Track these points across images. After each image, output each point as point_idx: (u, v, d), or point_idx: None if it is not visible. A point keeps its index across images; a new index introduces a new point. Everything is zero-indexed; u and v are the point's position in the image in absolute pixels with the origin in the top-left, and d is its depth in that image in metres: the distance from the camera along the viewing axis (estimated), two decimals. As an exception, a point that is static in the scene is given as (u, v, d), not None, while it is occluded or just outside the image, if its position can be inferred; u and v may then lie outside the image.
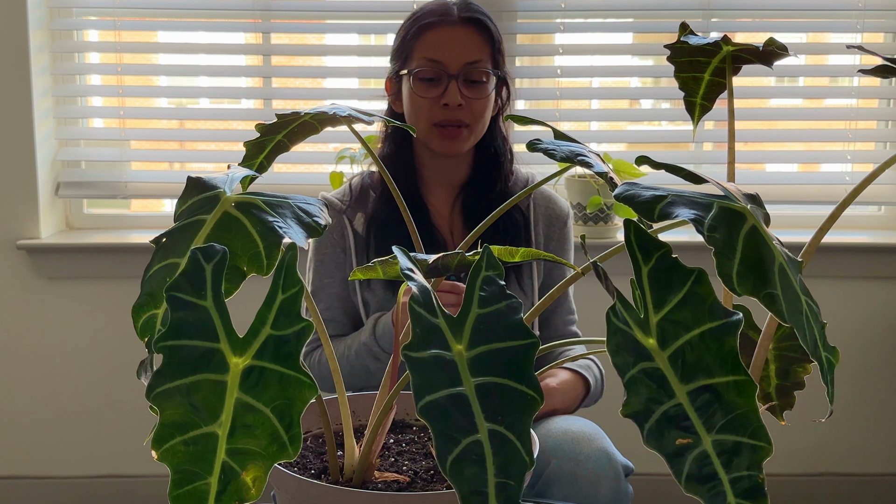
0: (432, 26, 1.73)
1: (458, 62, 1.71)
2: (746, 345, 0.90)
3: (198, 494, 0.62)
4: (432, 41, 1.73)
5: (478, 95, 1.73)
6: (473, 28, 1.74)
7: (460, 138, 1.74)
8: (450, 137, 1.73)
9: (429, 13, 1.75)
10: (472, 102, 1.72)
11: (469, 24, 1.74)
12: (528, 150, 0.89)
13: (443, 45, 1.72)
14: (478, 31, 1.74)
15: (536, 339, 0.66)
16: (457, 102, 1.70)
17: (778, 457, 0.70)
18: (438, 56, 1.71)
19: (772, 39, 0.98)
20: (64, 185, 2.70)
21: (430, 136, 1.74)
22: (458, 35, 1.73)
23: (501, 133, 1.84)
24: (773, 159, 2.94)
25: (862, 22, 2.65)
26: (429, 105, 1.72)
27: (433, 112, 1.72)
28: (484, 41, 1.74)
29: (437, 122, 1.72)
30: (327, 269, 1.80)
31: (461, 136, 1.74)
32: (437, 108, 1.72)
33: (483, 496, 0.60)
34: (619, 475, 1.59)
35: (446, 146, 1.74)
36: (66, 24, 2.69)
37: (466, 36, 1.73)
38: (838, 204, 0.84)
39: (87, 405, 2.70)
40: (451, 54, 1.71)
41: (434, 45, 1.72)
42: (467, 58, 1.72)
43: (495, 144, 1.82)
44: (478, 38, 1.74)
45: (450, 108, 1.71)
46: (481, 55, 1.73)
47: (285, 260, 0.67)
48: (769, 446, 0.63)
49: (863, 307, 2.67)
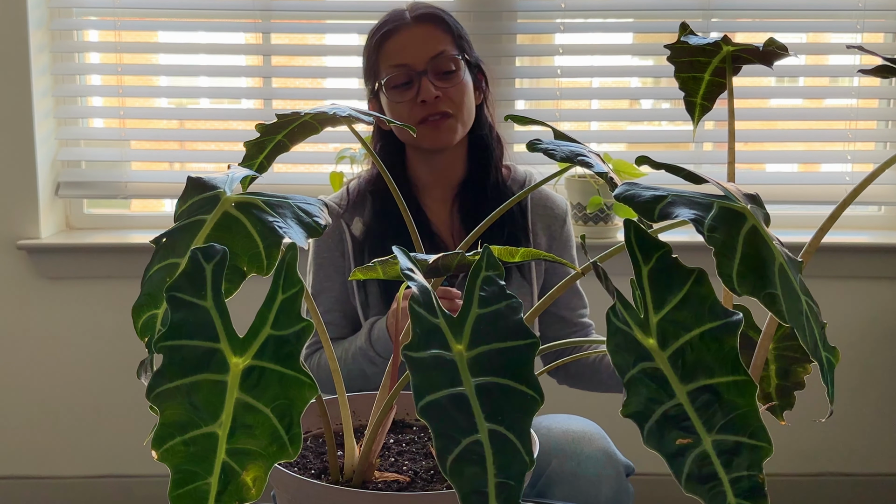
0: (390, 35, 1.75)
1: (422, 58, 1.72)
2: (746, 345, 0.90)
3: (198, 494, 0.62)
4: (393, 48, 1.75)
5: (451, 83, 1.74)
6: (429, 23, 1.76)
7: (446, 127, 1.74)
8: (436, 128, 1.73)
9: (383, 24, 1.78)
10: (449, 91, 1.73)
11: (423, 21, 1.76)
12: (528, 150, 0.89)
13: (404, 48, 1.74)
14: (434, 25, 1.76)
15: (536, 339, 0.66)
16: (433, 95, 1.71)
17: (778, 457, 0.70)
18: (402, 60, 1.73)
19: (772, 39, 0.98)
20: (64, 185, 2.70)
21: (419, 136, 1.75)
22: (415, 34, 1.75)
23: (487, 122, 1.84)
24: (773, 159, 2.94)
25: (862, 22, 2.66)
26: (408, 108, 1.73)
27: (414, 112, 1.73)
28: (442, 32, 1.76)
29: (421, 120, 1.73)
30: (326, 272, 1.80)
31: (447, 125, 1.74)
32: (416, 107, 1.72)
33: (483, 496, 0.60)
34: (619, 475, 1.59)
35: (435, 138, 1.74)
36: (66, 24, 2.69)
37: (424, 32, 1.75)
38: (838, 204, 0.84)
39: (87, 405, 2.70)
40: (413, 54, 1.73)
41: (395, 51, 1.74)
42: (430, 52, 1.73)
43: (482, 134, 1.83)
44: (435, 31, 1.76)
45: (428, 103, 1.71)
46: (443, 45, 1.74)
47: (285, 260, 0.67)
48: (769, 446, 0.63)
49: (863, 307, 2.67)
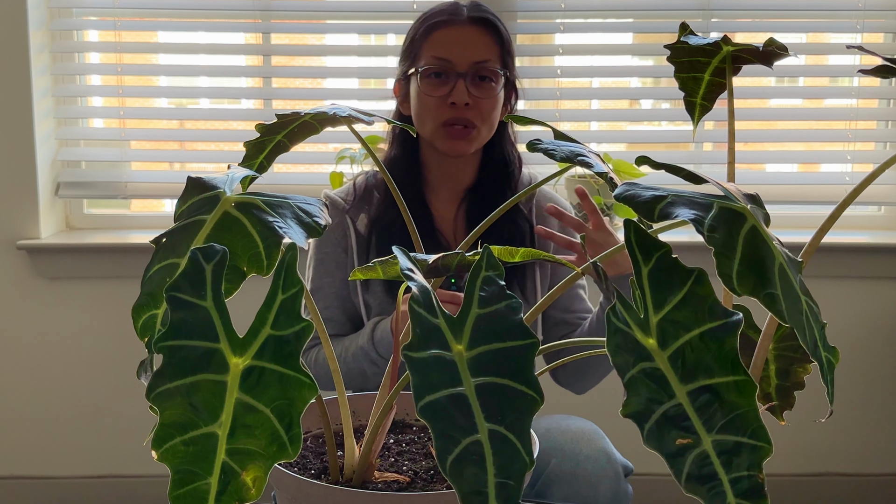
0: (441, 25, 1.72)
1: (466, 61, 1.70)
2: (746, 345, 0.90)
3: (198, 495, 0.62)
4: (441, 40, 1.72)
5: (486, 95, 1.71)
6: (483, 28, 1.73)
7: (467, 138, 1.72)
8: (456, 137, 1.71)
9: (438, 13, 1.75)
10: (480, 102, 1.71)
11: (478, 24, 1.73)
12: (528, 150, 0.89)
13: (451, 44, 1.71)
14: (487, 31, 1.73)
15: (536, 340, 0.66)
16: (464, 101, 1.69)
17: (778, 457, 0.70)
18: (446, 54, 1.71)
19: (772, 39, 0.98)
20: (64, 185, 2.70)
21: (436, 136, 1.73)
22: (467, 34, 1.72)
23: (510, 139, 1.82)
24: (773, 159, 2.94)
25: (862, 22, 2.66)
26: (436, 104, 1.71)
27: (441, 111, 1.71)
28: (493, 41, 1.73)
29: (444, 122, 1.71)
30: (327, 268, 1.79)
31: (468, 137, 1.72)
32: (444, 107, 1.70)
33: (483, 496, 0.60)
34: (618, 475, 1.59)
35: (452, 146, 1.73)
36: (66, 24, 2.69)
37: (475, 35, 1.73)
38: (838, 204, 0.84)
39: (87, 405, 2.70)
40: (459, 53, 1.70)
41: (442, 43, 1.72)
42: (476, 57, 1.71)
43: (504, 150, 1.81)
44: (487, 37, 1.73)
45: (457, 107, 1.69)
46: (490, 55, 1.72)
47: (285, 260, 0.67)
48: (769, 446, 0.63)
49: (863, 307, 2.67)
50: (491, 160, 1.81)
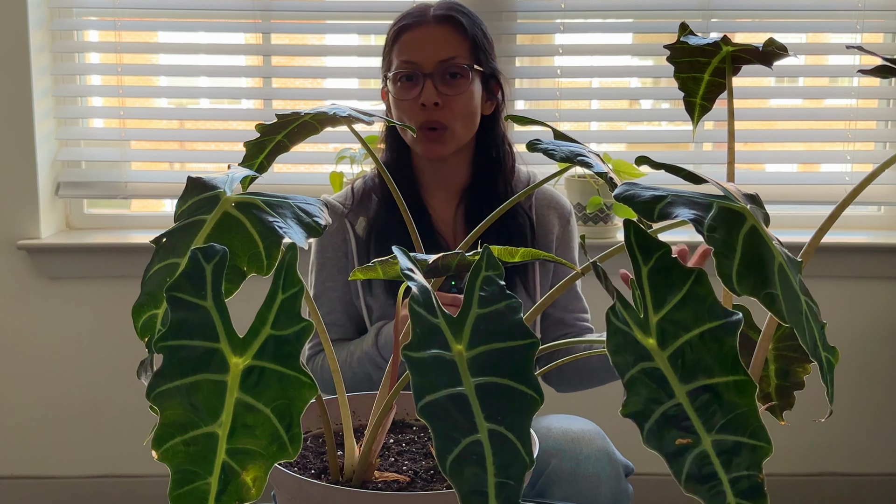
0: (408, 28, 1.73)
1: (431, 60, 1.70)
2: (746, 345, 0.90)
3: (198, 494, 0.62)
4: (407, 42, 1.72)
5: (455, 91, 1.70)
6: (448, 25, 1.73)
7: (441, 140, 1.71)
8: (430, 140, 1.71)
9: (406, 16, 1.75)
10: (451, 101, 1.70)
11: (443, 22, 1.73)
12: (528, 150, 0.89)
13: (417, 45, 1.71)
14: (453, 27, 1.73)
15: (536, 340, 0.66)
16: (432, 101, 1.68)
17: (778, 457, 0.70)
18: (413, 56, 1.70)
19: (771, 40, 0.99)
20: (64, 185, 2.70)
21: (415, 142, 1.73)
22: (431, 33, 1.72)
23: (501, 133, 1.82)
24: (773, 159, 2.94)
25: (862, 22, 2.66)
26: (409, 107, 1.71)
27: (414, 114, 1.70)
28: (460, 37, 1.72)
29: (419, 126, 1.71)
30: (329, 273, 1.79)
31: (442, 139, 1.71)
32: (416, 109, 1.70)
33: (483, 496, 0.60)
34: (619, 475, 1.59)
35: (428, 149, 1.72)
36: (66, 24, 2.69)
37: (440, 33, 1.72)
38: (838, 204, 0.84)
39: (87, 405, 2.70)
40: (424, 53, 1.70)
41: (409, 45, 1.72)
42: (441, 55, 1.70)
43: (496, 146, 1.81)
44: (452, 34, 1.72)
45: (427, 108, 1.69)
46: (456, 51, 1.71)
47: (285, 260, 0.67)
48: (769, 446, 0.63)
49: (863, 307, 2.67)
50: (483, 157, 1.80)
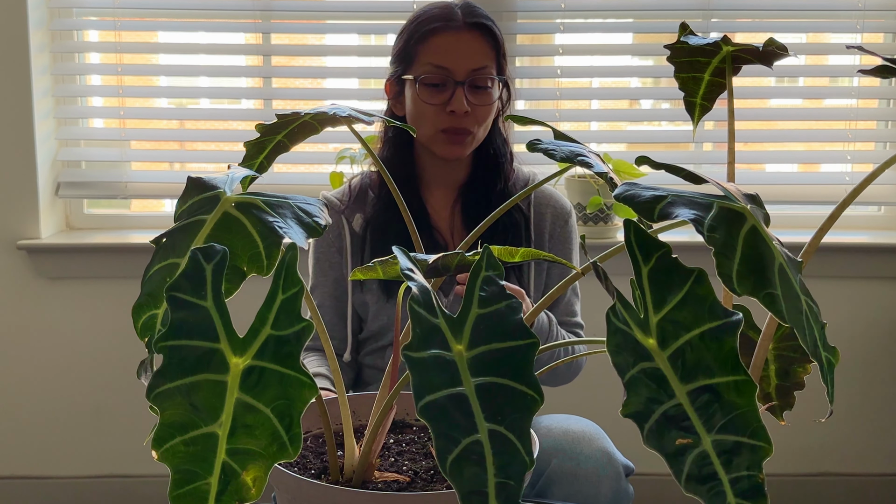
0: (437, 31, 1.72)
1: (464, 69, 1.70)
2: (746, 345, 0.90)
3: (198, 494, 0.62)
4: (438, 47, 1.71)
5: (483, 102, 1.72)
6: (479, 33, 1.73)
7: (464, 143, 1.74)
8: (454, 143, 1.73)
9: (433, 17, 1.74)
10: (478, 109, 1.72)
11: (474, 30, 1.73)
12: (528, 150, 0.89)
13: (449, 52, 1.71)
14: (483, 37, 1.73)
15: (536, 340, 0.66)
16: (463, 110, 1.70)
17: (778, 457, 0.70)
18: (444, 62, 1.71)
19: (772, 39, 0.99)
20: (64, 186, 2.70)
21: (434, 141, 1.74)
22: (463, 41, 1.72)
23: (501, 134, 1.83)
24: (773, 159, 2.94)
25: (862, 22, 2.66)
26: (434, 111, 1.71)
27: (439, 118, 1.71)
28: (489, 47, 1.73)
29: (443, 129, 1.72)
30: (321, 267, 1.81)
31: (464, 142, 1.74)
32: (442, 114, 1.71)
33: (483, 496, 0.60)
34: (619, 475, 1.59)
35: (450, 151, 1.74)
36: (66, 24, 2.69)
37: (472, 42, 1.72)
38: (838, 204, 0.84)
39: (87, 405, 2.70)
40: (457, 61, 1.70)
41: (440, 50, 1.71)
42: (473, 64, 1.71)
43: (495, 146, 1.82)
44: (483, 44, 1.73)
45: (456, 115, 1.70)
46: (487, 61, 1.73)
47: (285, 260, 0.67)
48: (769, 446, 0.63)
49: (863, 307, 2.67)
50: (483, 156, 1.82)
